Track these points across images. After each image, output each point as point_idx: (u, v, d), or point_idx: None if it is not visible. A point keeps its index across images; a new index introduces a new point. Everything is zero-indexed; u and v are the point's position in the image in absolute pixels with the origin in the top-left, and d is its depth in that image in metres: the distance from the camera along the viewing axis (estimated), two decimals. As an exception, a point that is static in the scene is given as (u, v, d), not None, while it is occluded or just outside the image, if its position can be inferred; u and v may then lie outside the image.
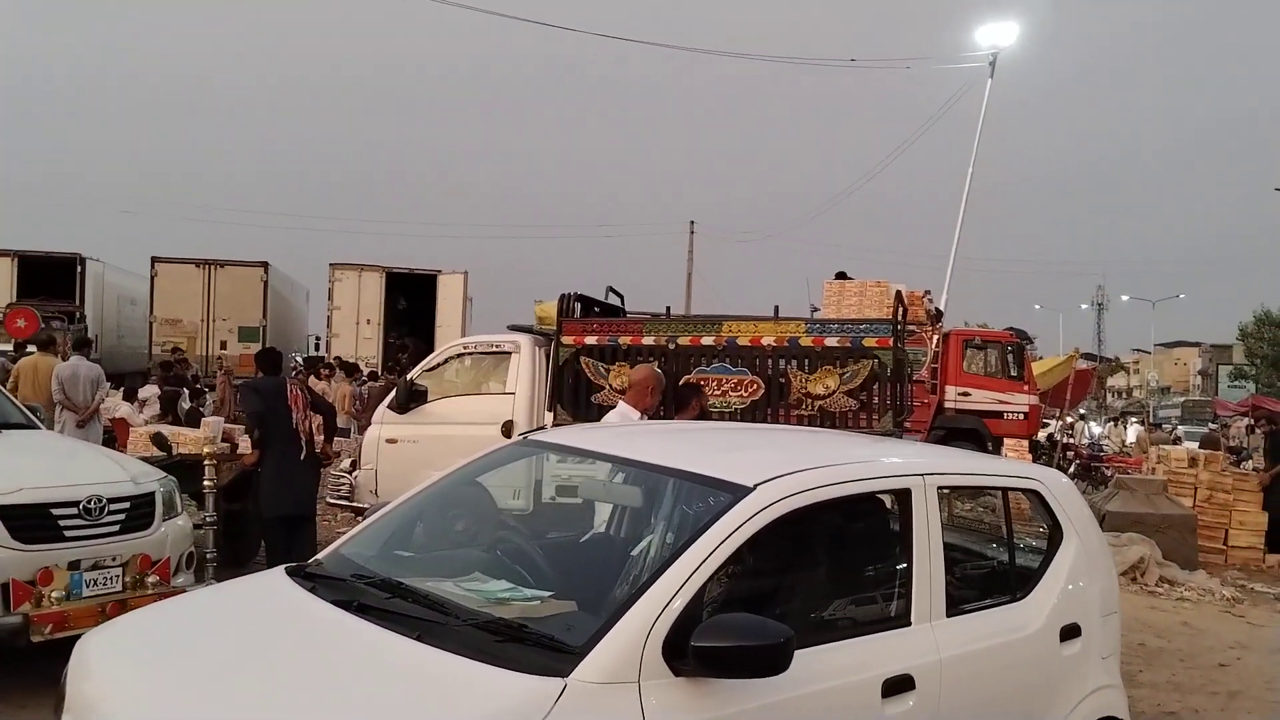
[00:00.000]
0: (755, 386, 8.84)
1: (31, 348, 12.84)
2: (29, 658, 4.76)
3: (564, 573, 3.15)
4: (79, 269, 23.71)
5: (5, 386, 10.66)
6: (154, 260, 23.70)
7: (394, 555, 3.33)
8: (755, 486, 2.78)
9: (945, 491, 3.36)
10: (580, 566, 3.34)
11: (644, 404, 5.78)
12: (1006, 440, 15.25)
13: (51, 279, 23.42)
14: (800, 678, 2.53)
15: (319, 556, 3.31)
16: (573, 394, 8.96)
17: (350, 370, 18.40)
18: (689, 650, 2.40)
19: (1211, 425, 31.34)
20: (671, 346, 9.01)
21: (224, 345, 23.47)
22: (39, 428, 6.50)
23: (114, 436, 11.99)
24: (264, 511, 7.26)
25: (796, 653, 2.49)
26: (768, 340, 8.91)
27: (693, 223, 39.42)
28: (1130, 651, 6.92)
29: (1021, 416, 15.15)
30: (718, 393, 8.89)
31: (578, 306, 9.46)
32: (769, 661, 2.40)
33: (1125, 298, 74.30)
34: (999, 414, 15.00)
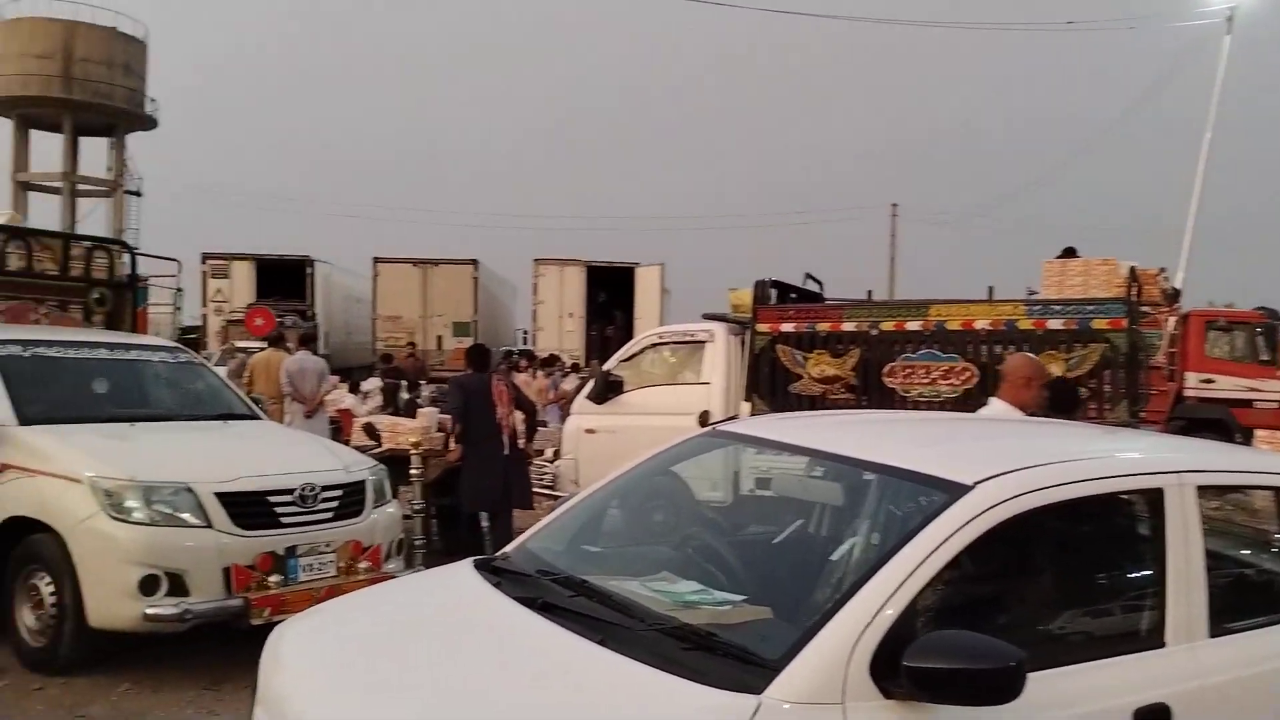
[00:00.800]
0: (968, 374, 8.30)
1: (264, 344, 13.71)
2: (229, 639, 4.98)
3: (759, 575, 2.93)
4: (309, 271, 25.36)
5: (242, 381, 11.43)
6: (375, 260, 25.01)
7: (580, 550, 3.20)
8: (975, 485, 2.46)
9: (1207, 492, 2.87)
10: (777, 569, 3.09)
11: (1023, 398, 4.81)
12: (1260, 432, 13.81)
13: (285, 281, 25.17)
14: (1033, 706, 2.20)
15: (506, 550, 3.22)
16: (769, 383, 8.70)
17: (548, 363, 18.73)
18: (901, 670, 2.13)
19: None
20: (874, 332, 8.60)
21: (440, 340, 24.49)
22: (261, 418, 6.83)
23: (340, 426, 12.69)
24: (465, 505, 7.39)
25: (1028, 677, 2.17)
26: (981, 324, 8.35)
27: (894, 205, 38.15)
28: None
29: (1277, 405, 13.67)
30: (926, 381, 8.41)
31: (773, 293, 9.19)
32: (997, 687, 2.09)
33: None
34: (1248, 403, 13.58)
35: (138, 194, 39.43)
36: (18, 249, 6.89)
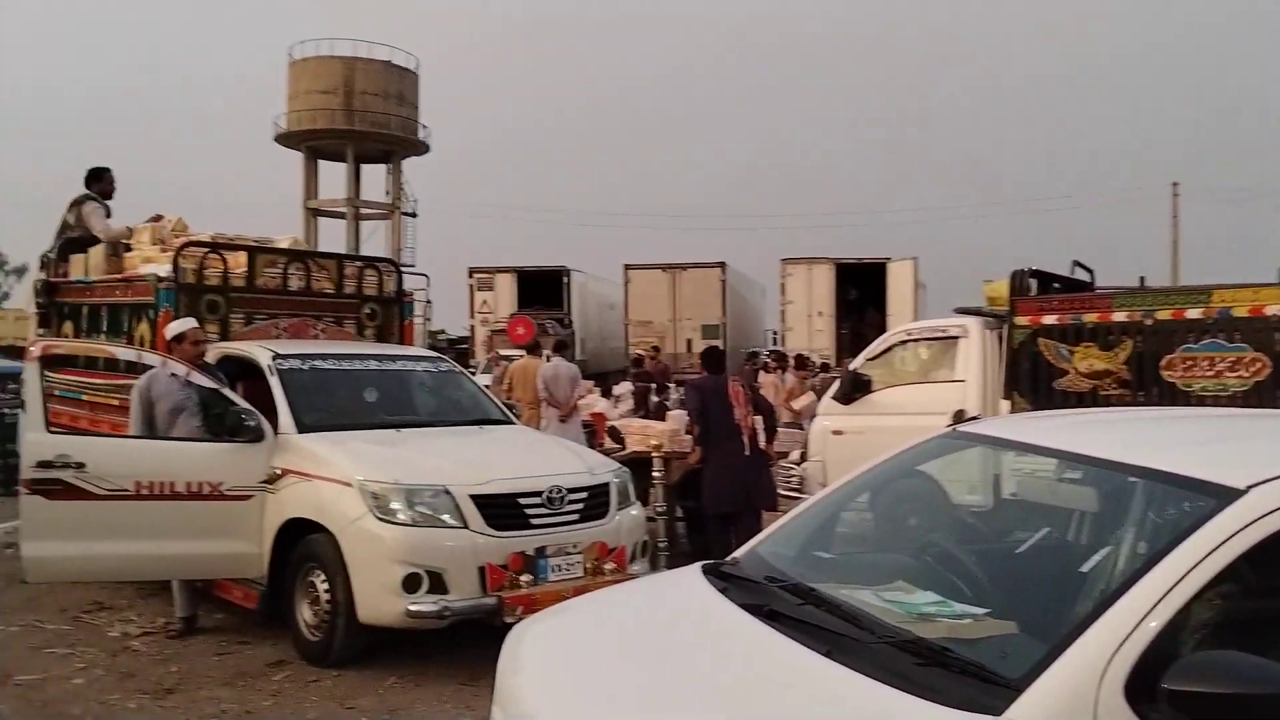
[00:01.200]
0: (1260, 365, 7.45)
1: (521, 352, 14.39)
2: (483, 636, 5.18)
3: (1004, 586, 2.72)
4: (565, 280, 26.46)
5: (501, 388, 12.05)
6: (626, 267, 25.73)
7: (812, 556, 3.11)
8: (1248, 489, 2.17)
9: None
10: (1024, 580, 2.87)
11: None
12: None
13: (544, 290, 26.38)
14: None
15: (736, 554, 3.17)
16: (1030, 379, 8.17)
17: (800, 364, 18.53)
18: (1160, 693, 1.91)
19: None
20: (1148, 322, 7.90)
21: (689, 344, 24.85)
22: (515, 423, 7.15)
23: (594, 430, 13.12)
24: (706, 507, 7.42)
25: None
26: (1273, 310, 7.48)
27: (1175, 184, 35.03)
28: None
29: None
30: (1210, 373, 7.63)
31: (1033, 284, 8.64)
32: (1270, 716, 1.84)
33: None
34: None
35: (413, 215, 42.61)
36: (298, 270, 7.55)
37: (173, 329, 6.18)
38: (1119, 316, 8.08)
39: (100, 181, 8.84)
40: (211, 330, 6.82)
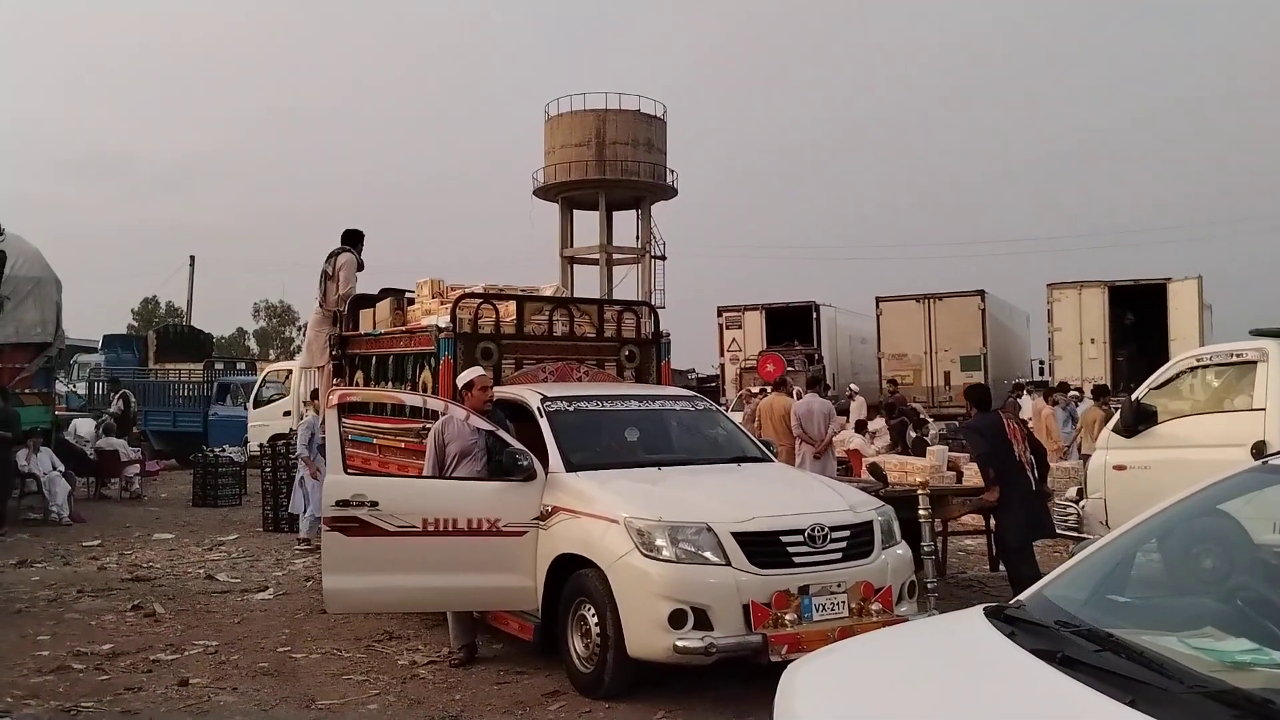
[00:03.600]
0: None
1: (769, 388, 14.40)
2: (750, 675, 5.16)
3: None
4: (814, 315, 26.31)
5: (752, 425, 12.09)
6: (878, 300, 25.27)
7: (1105, 600, 2.91)
8: None
9: None
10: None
11: None
12: None
13: (792, 326, 26.34)
14: None
15: (1020, 597, 3.02)
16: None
17: (1062, 390, 17.47)
18: None
19: None
20: None
21: (947, 376, 24.00)
22: (772, 460, 7.15)
23: (849, 467, 12.90)
24: (1009, 541, 7.43)
25: None
26: None
27: None
28: None
29: None
30: None
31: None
32: None
33: None
34: None
35: (663, 258, 43.77)
36: (562, 316, 7.94)
37: (463, 377, 6.61)
38: None
39: (359, 243, 9.94)
40: (486, 376, 7.27)
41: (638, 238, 43.66)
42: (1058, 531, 9.04)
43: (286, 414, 19.02)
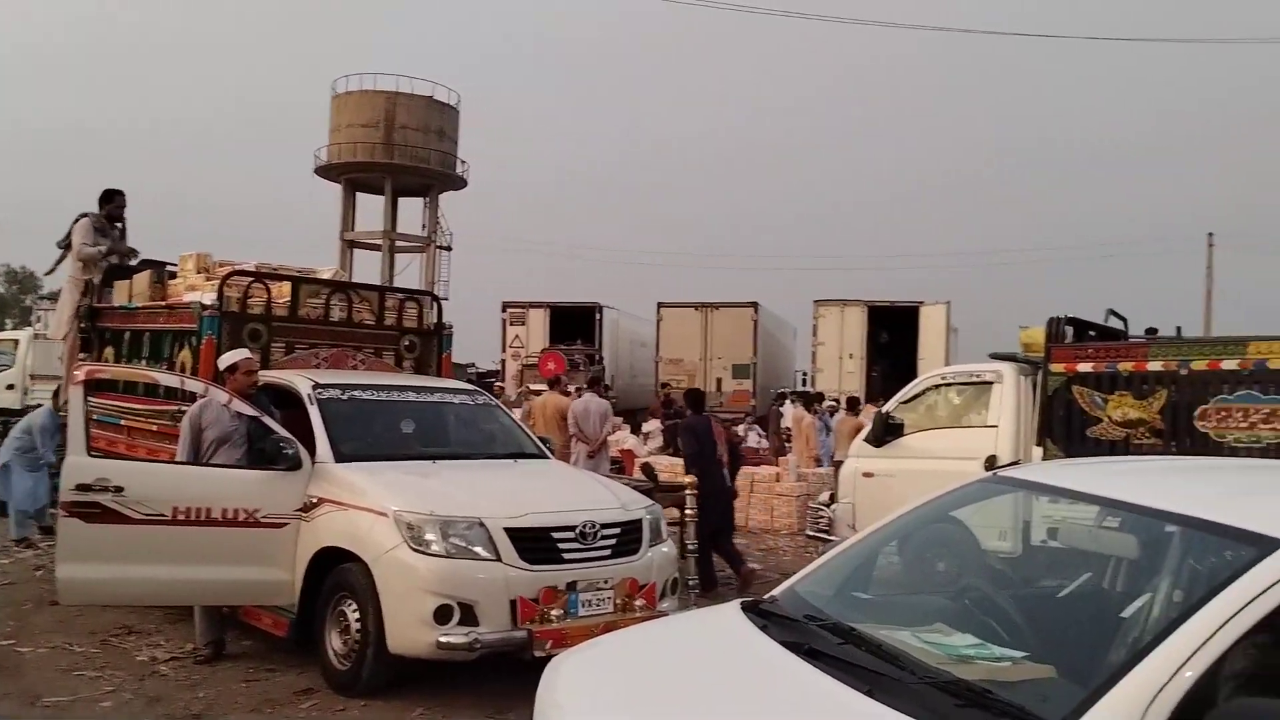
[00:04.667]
0: (1297, 417, 7.39)
1: (543, 386, 14.50)
2: (513, 670, 5.19)
3: (1043, 631, 2.72)
4: (597, 316, 26.61)
5: (527, 422, 12.11)
6: (660, 305, 25.84)
7: (850, 597, 3.12)
8: None
9: None
10: (1063, 624, 2.87)
11: None
12: None
13: (576, 326, 26.54)
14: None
15: (774, 593, 3.19)
16: (1064, 426, 8.12)
17: (852, 404, 18.53)
18: (1202, 743, 1.92)
19: None
20: (1183, 372, 7.85)
21: (720, 382, 24.86)
22: (549, 458, 7.19)
23: (623, 466, 13.15)
24: (702, 531, 7.96)
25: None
26: (1312, 362, 7.42)
27: (1210, 234, 34.86)
28: None
29: None
30: (1244, 425, 7.56)
31: (1069, 331, 8.61)
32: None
33: None
34: None
35: (448, 249, 43.00)
36: (340, 301, 7.67)
37: (226, 359, 6.27)
38: (1154, 366, 8.03)
39: (111, 203, 9.14)
40: (252, 359, 6.92)
41: (424, 226, 42.71)
42: (810, 533, 9.59)
43: (10, 388, 17.41)
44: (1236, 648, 2.08)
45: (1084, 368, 8.21)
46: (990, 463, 7.88)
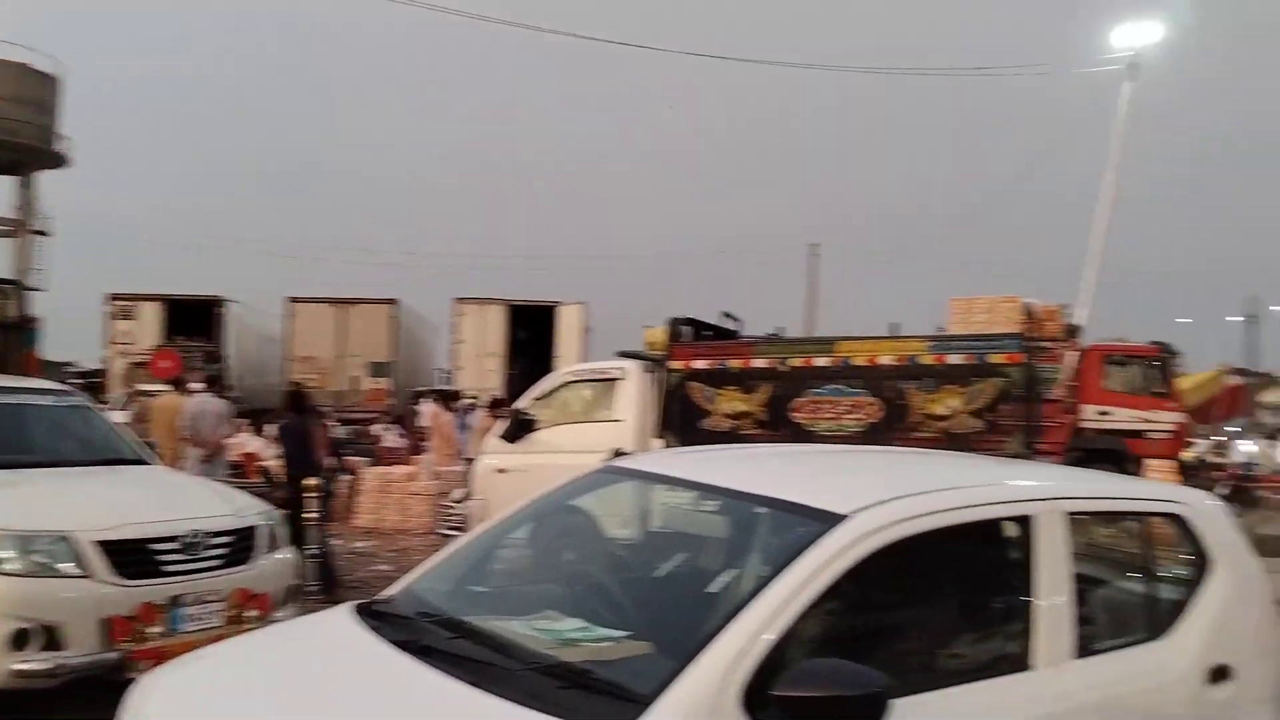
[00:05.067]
0: (873, 408, 8.44)
1: (165, 387, 13.35)
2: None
3: (646, 610, 2.89)
4: (218, 310, 24.80)
5: (143, 426, 11.07)
6: (290, 300, 24.58)
7: (466, 591, 3.14)
8: (851, 515, 2.49)
9: (1077, 518, 2.95)
10: (661, 604, 3.07)
11: None
12: (1153, 461, 14.25)
13: (194, 320, 24.57)
14: (900, 731, 2.23)
15: (389, 592, 3.14)
16: (681, 419, 8.74)
17: (497, 404, 18.69)
18: (771, 699, 2.13)
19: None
20: (782, 368, 8.71)
21: (356, 381, 24.13)
22: (152, 463, 6.61)
23: (244, 471, 12.36)
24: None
25: (896, 702, 2.21)
26: (885, 359, 8.52)
27: (814, 245, 38.86)
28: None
29: (1167, 435, 14.14)
30: (832, 416, 8.53)
31: (687, 331, 9.27)
32: (860, 713, 2.11)
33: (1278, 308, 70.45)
34: (1141, 433, 14.02)
35: (44, 234, 38.19)
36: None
37: None
38: (759, 363, 8.84)
39: None
40: None
41: (17, 208, 37.64)
42: (442, 532, 9.57)
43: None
44: (810, 613, 2.34)
45: (699, 365, 8.88)
46: (616, 455, 8.28)
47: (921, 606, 2.84)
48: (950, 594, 2.90)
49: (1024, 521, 2.74)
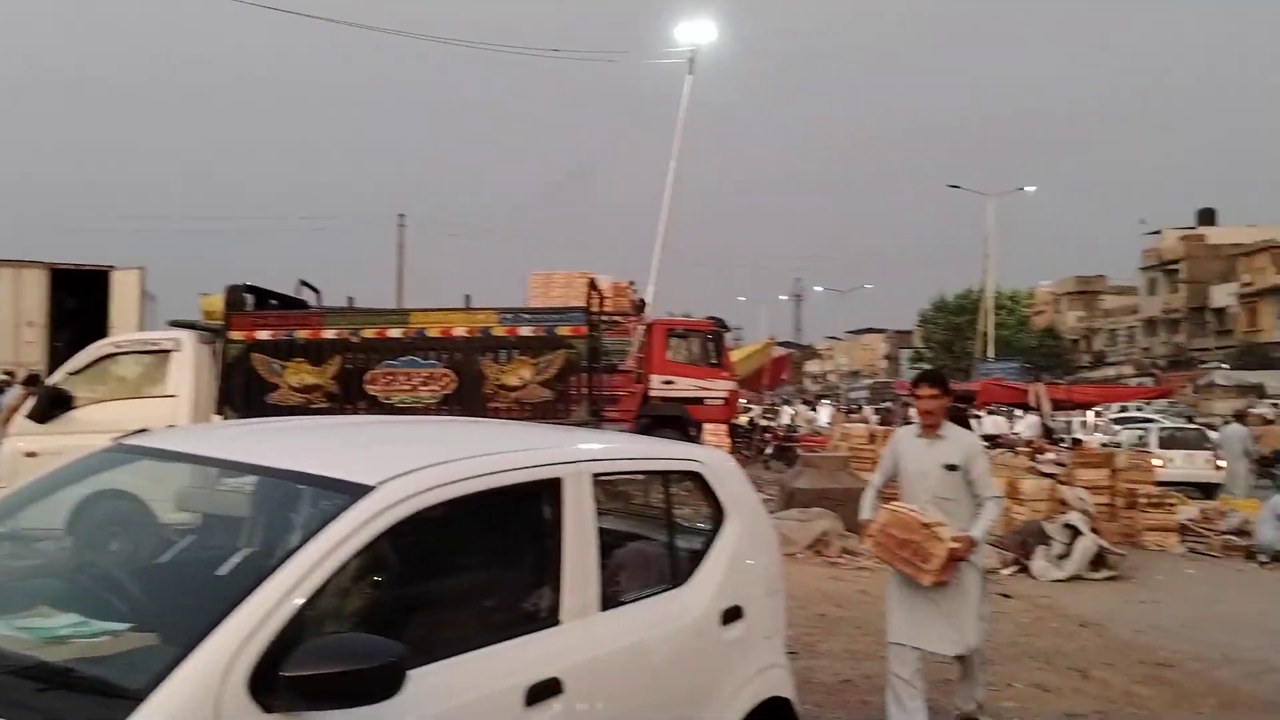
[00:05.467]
0: (447, 380, 8.49)
1: None
2: None
3: (152, 599, 2.66)
4: None
5: None
6: None
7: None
8: (378, 485, 2.44)
9: (603, 479, 3.15)
10: (170, 590, 2.84)
11: None
12: (707, 425, 15.71)
13: None
14: (423, 699, 2.24)
15: None
16: (244, 394, 8.24)
17: (30, 381, 16.38)
18: (279, 681, 2.04)
19: (889, 403, 34.42)
20: (355, 340, 8.49)
21: None
22: None
23: None
24: None
25: (422, 670, 2.21)
26: (459, 331, 8.58)
27: (402, 215, 38.49)
28: (811, 623, 7.16)
29: (721, 402, 15.63)
30: (407, 388, 8.46)
31: (250, 299, 8.73)
32: (375, 686, 2.08)
33: (819, 289, 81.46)
34: (700, 400, 15.39)
35: None
36: None
37: None
38: (329, 334, 8.54)
39: None
40: None
41: None
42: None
43: None
44: (331, 588, 2.27)
45: (263, 335, 8.40)
46: (138, 433, 7.66)
47: (455, 573, 2.88)
48: (482, 559, 2.97)
49: (553, 484, 2.86)
